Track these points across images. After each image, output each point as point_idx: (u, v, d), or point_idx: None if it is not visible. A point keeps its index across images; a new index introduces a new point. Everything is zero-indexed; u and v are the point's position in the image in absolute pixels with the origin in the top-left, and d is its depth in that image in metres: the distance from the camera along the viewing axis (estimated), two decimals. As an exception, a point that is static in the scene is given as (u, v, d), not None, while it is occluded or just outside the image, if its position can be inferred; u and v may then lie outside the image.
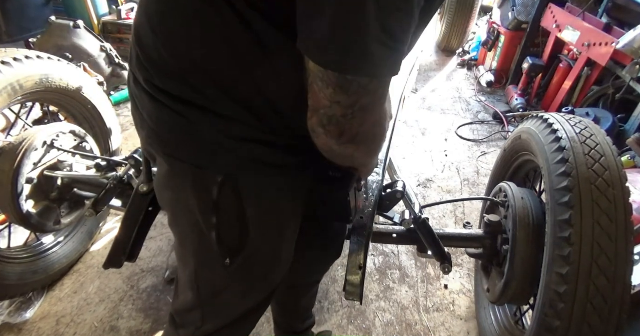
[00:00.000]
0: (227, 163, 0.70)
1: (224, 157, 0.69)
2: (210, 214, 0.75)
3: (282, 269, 0.93)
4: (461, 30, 4.41)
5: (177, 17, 0.63)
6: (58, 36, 3.02)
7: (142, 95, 0.71)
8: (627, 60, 2.44)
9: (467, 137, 3.15)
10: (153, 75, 0.67)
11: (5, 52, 1.44)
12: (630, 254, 0.96)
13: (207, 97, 0.65)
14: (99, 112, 1.85)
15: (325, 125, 0.63)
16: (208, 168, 0.71)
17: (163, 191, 0.83)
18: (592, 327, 0.94)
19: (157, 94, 0.67)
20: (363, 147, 0.70)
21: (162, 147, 0.73)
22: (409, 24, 0.55)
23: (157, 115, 0.70)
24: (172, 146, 0.72)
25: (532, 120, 1.31)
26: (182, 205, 0.79)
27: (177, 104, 0.66)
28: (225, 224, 0.77)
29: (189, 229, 0.82)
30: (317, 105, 0.61)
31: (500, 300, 1.27)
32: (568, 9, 3.08)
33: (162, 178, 0.79)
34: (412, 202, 1.26)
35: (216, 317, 0.95)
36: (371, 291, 1.86)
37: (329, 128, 0.63)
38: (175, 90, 0.66)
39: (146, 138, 0.76)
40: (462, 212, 2.34)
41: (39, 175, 1.52)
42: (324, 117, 0.62)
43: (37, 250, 1.74)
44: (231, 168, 0.71)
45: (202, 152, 0.70)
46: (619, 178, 1.01)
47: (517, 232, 1.19)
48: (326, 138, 0.65)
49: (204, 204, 0.75)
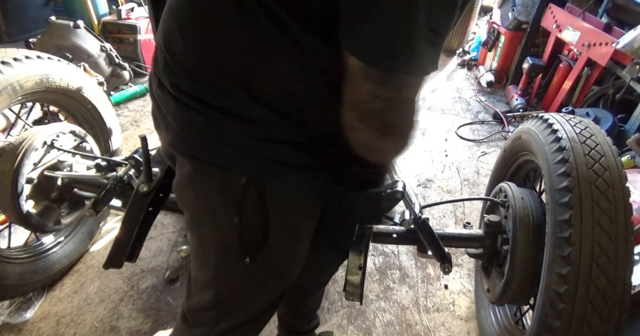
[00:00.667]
0: (252, 164, 0.72)
1: (249, 158, 0.71)
2: (233, 214, 0.76)
3: (297, 268, 0.95)
4: (461, 30, 4.41)
5: (209, 23, 0.64)
6: (58, 36, 3.02)
7: (167, 98, 0.72)
8: (627, 60, 2.44)
9: (467, 137, 3.15)
10: (181, 80, 0.69)
11: (5, 52, 1.44)
12: (630, 254, 0.96)
13: (234, 100, 0.66)
14: (99, 112, 1.85)
15: (364, 119, 0.64)
16: (233, 170, 0.72)
17: (185, 191, 0.84)
18: (592, 327, 0.94)
19: (184, 98, 0.69)
20: (399, 139, 0.71)
21: (188, 149, 0.75)
22: (453, 20, 0.57)
23: (183, 118, 0.71)
24: (198, 148, 0.73)
25: (532, 120, 1.31)
26: (205, 205, 0.80)
27: (204, 107, 0.68)
28: (247, 224, 0.78)
29: (211, 229, 0.83)
30: (356, 100, 0.62)
31: (500, 300, 1.27)
32: (568, 9, 3.08)
33: (185, 179, 0.80)
34: (412, 202, 1.26)
35: (231, 316, 0.96)
36: (371, 291, 1.86)
37: (368, 121, 0.64)
38: (203, 94, 0.67)
39: (171, 141, 0.77)
40: (462, 212, 2.34)
41: (39, 175, 1.52)
42: (363, 111, 0.63)
43: (37, 250, 1.74)
44: (256, 169, 0.72)
45: (228, 153, 0.71)
46: (619, 179, 1.01)
47: (517, 232, 1.19)
48: (365, 132, 0.66)
49: (228, 204, 0.76)
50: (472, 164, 2.82)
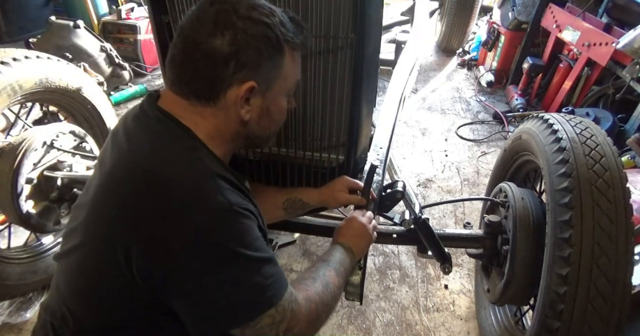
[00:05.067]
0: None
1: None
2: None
3: None
4: (461, 30, 4.40)
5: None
6: (58, 36, 3.02)
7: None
8: (627, 60, 2.44)
9: (467, 137, 3.15)
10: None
11: (4, 52, 1.44)
12: (631, 255, 0.96)
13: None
14: (99, 112, 1.85)
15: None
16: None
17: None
18: (592, 328, 0.94)
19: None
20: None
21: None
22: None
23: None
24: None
25: (532, 120, 1.31)
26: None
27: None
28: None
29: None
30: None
31: (500, 300, 1.27)
32: (568, 8, 3.08)
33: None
34: (412, 202, 1.26)
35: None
36: (371, 291, 1.86)
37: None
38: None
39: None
40: (462, 212, 2.34)
41: (39, 175, 1.52)
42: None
43: (37, 250, 1.74)
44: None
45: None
46: (619, 179, 1.01)
47: (517, 232, 1.19)
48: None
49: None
50: (472, 164, 2.82)
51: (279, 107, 0.86)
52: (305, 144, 1.15)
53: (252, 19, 0.75)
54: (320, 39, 0.99)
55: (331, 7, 0.95)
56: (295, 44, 0.81)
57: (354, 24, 0.96)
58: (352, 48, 0.99)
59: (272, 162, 1.19)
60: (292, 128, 1.13)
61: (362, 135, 1.16)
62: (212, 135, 0.80)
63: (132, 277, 0.72)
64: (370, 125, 1.27)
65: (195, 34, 0.75)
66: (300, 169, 1.20)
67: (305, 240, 2.10)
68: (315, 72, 1.03)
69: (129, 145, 0.78)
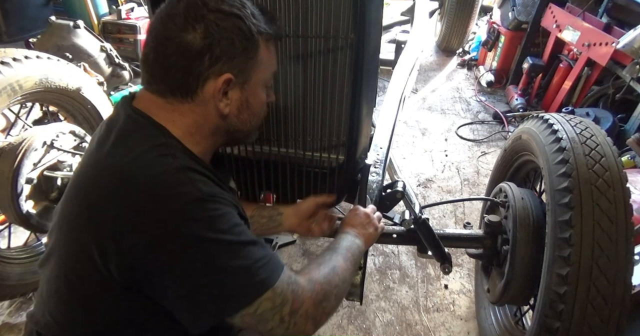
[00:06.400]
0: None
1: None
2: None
3: None
4: (461, 30, 4.40)
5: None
6: (58, 36, 3.02)
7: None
8: (627, 60, 2.44)
9: (467, 137, 3.15)
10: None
11: (4, 52, 1.44)
12: (631, 255, 0.96)
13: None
14: (99, 112, 1.85)
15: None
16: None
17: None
18: (593, 328, 0.94)
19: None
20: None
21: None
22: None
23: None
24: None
25: (532, 120, 1.31)
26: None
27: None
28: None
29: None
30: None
31: (500, 300, 1.27)
32: (568, 8, 3.08)
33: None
34: (412, 202, 1.27)
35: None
36: (371, 291, 1.86)
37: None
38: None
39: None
40: (462, 212, 2.34)
41: (39, 175, 1.52)
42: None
43: (37, 250, 1.74)
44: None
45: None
46: (619, 179, 1.01)
47: (517, 232, 1.19)
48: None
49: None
50: (472, 164, 2.82)
51: (258, 100, 0.86)
52: (305, 144, 1.15)
53: (222, 11, 0.74)
54: (320, 39, 0.99)
55: (331, 7, 0.95)
56: (269, 34, 0.81)
57: (354, 24, 0.96)
58: (352, 48, 0.99)
59: (271, 162, 1.19)
60: (292, 128, 1.13)
61: (362, 135, 1.16)
62: (191, 131, 0.79)
63: (111, 278, 0.70)
64: (370, 125, 1.27)
65: (167, 31, 0.74)
66: (300, 169, 1.20)
67: (305, 240, 2.11)
68: (315, 72, 1.03)
69: (98, 147, 0.77)
